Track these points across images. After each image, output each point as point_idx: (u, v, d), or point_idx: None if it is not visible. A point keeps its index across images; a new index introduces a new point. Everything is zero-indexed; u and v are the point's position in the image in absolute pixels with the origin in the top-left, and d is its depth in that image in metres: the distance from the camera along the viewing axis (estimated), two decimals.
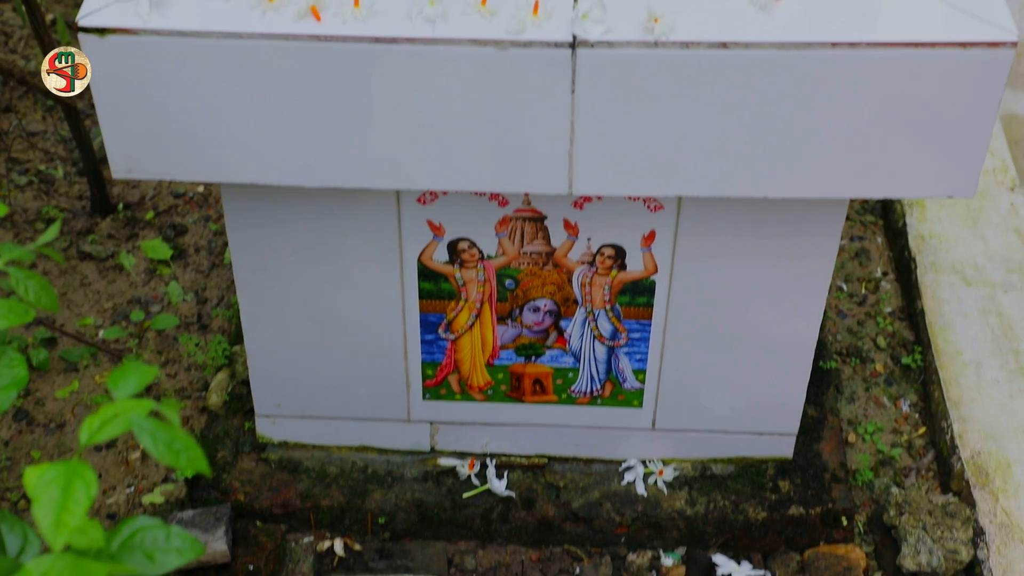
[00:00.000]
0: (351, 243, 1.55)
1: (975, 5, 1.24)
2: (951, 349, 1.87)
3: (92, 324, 2.01)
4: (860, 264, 2.12)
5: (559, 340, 1.65)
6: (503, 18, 1.25)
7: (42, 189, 2.22)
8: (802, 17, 1.25)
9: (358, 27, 1.25)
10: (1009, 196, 2.09)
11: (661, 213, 1.50)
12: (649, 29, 1.23)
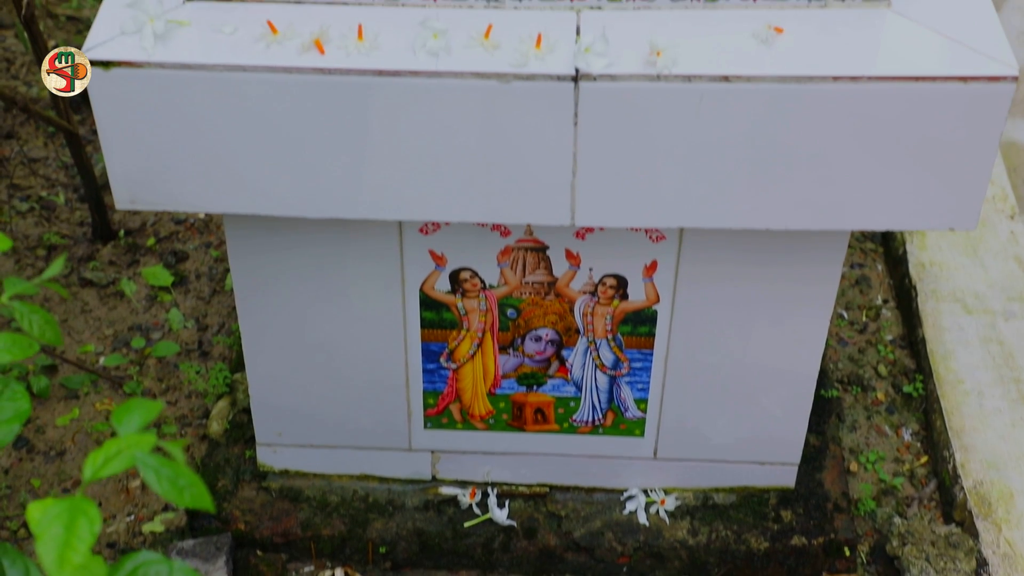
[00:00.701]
0: (353, 272, 1.55)
1: (976, 39, 1.24)
2: (952, 378, 1.87)
3: (93, 351, 2.01)
4: (861, 292, 2.13)
5: (561, 369, 1.65)
6: (506, 51, 1.26)
7: (43, 216, 2.22)
8: (804, 51, 1.25)
9: (361, 60, 1.25)
10: (1009, 224, 2.09)
11: (663, 243, 1.50)
12: (651, 62, 1.24)
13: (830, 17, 1.28)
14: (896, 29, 1.27)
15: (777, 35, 1.27)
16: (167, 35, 1.26)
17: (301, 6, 1.31)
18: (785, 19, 1.28)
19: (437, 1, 1.31)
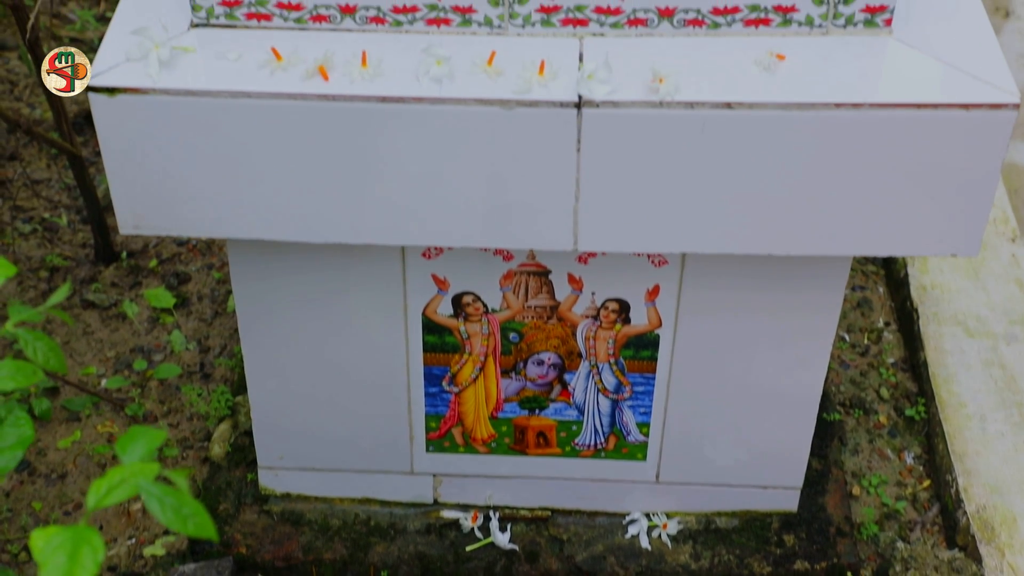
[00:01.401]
0: (356, 296, 1.56)
1: (977, 67, 1.25)
2: (955, 401, 1.87)
3: (95, 373, 2.01)
4: (862, 314, 2.13)
5: (563, 393, 1.65)
6: (509, 78, 1.26)
7: (46, 237, 2.23)
8: (806, 77, 1.26)
9: (365, 86, 1.26)
10: (1010, 247, 2.09)
11: (665, 268, 1.51)
12: (654, 89, 1.24)
13: (832, 44, 1.29)
14: (897, 56, 1.28)
15: (779, 62, 1.27)
16: (172, 61, 1.27)
17: (305, 33, 1.31)
18: (787, 46, 1.29)
19: (441, 28, 1.32)
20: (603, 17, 1.30)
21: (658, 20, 1.30)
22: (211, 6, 1.30)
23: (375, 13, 1.31)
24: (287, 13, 1.31)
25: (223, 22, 1.31)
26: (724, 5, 1.29)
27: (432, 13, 1.31)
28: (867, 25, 1.29)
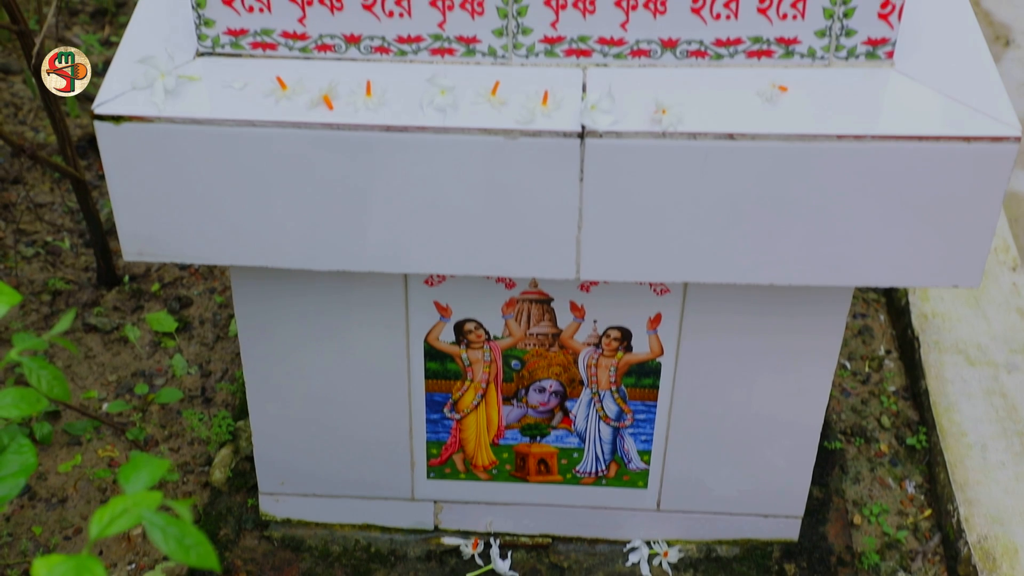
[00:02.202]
0: (358, 322, 1.56)
1: (978, 99, 1.26)
2: (956, 430, 1.87)
3: (96, 397, 2.01)
4: (863, 342, 2.13)
5: (564, 420, 1.65)
6: (513, 108, 1.27)
7: (48, 261, 2.23)
8: (808, 109, 1.27)
9: (370, 116, 1.26)
10: (1011, 276, 2.10)
11: (667, 296, 1.51)
12: (657, 120, 1.25)
13: (834, 76, 1.30)
14: (899, 88, 1.28)
15: (781, 93, 1.28)
16: (178, 90, 1.27)
17: (310, 62, 1.32)
18: (789, 78, 1.30)
19: (445, 57, 1.32)
20: (606, 48, 1.31)
21: (661, 51, 1.31)
22: (217, 35, 1.31)
23: (380, 43, 1.32)
24: (292, 43, 1.32)
25: (229, 51, 1.32)
26: (727, 37, 1.29)
27: (436, 43, 1.31)
28: (869, 57, 1.30)
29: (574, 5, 1.28)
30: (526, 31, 1.30)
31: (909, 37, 1.32)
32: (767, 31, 1.29)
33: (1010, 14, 2.93)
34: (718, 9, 1.28)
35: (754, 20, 1.28)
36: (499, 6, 1.28)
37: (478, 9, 1.29)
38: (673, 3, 1.27)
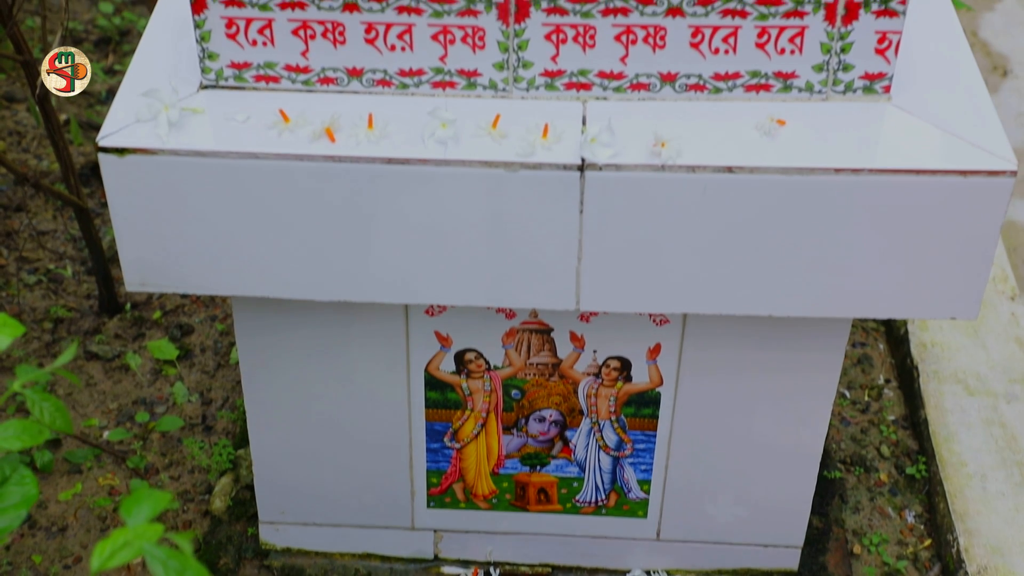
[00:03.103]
0: (359, 351, 1.57)
1: (975, 134, 1.27)
2: (955, 460, 1.87)
3: (97, 425, 2.01)
4: (863, 371, 2.13)
5: (564, 450, 1.66)
6: (513, 140, 1.28)
7: (51, 288, 2.24)
8: (806, 142, 1.28)
9: (371, 148, 1.28)
10: (1010, 305, 2.10)
11: (667, 327, 1.52)
12: (656, 153, 1.26)
13: (831, 110, 1.31)
14: (896, 122, 1.29)
15: (779, 127, 1.29)
16: (181, 122, 1.28)
17: (313, 95, 1.34)
18: (787, 111, 1.31)
19: (446, 90, 1.34)
20: (606, 81, 1.32)
21: (660, 85, 1.32)
22: (220, 68, 1.32)
23: (382, 76, 1.33)
24: (295, 76, 1.33)
25: (232, 84, 1.33)
26: (725, 71, 1.31)
27: (438, 76, 1.33)
28: (866, 92, 1.31)
29: (574, 39, 1.29)
30: (527, 65, 1.31)
31: (906, 71, 1.33)
32: (765, 65, 1.30)
33: (1008, 45, 2.96)
34: (716, 44, 1.29)
35: (752, 55, 1.29)
36: (500, 40, 1.30)
37: (479, 43, 1.30)
38: (672, 38, 1.29)
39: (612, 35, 1.29)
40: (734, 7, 1.26)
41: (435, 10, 1.28)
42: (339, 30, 1.30)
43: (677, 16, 1.27)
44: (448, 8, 1.28)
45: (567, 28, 1.29)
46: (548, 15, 1.28)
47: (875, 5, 1.25)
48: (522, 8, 1.27)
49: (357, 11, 1.28)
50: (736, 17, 1.27)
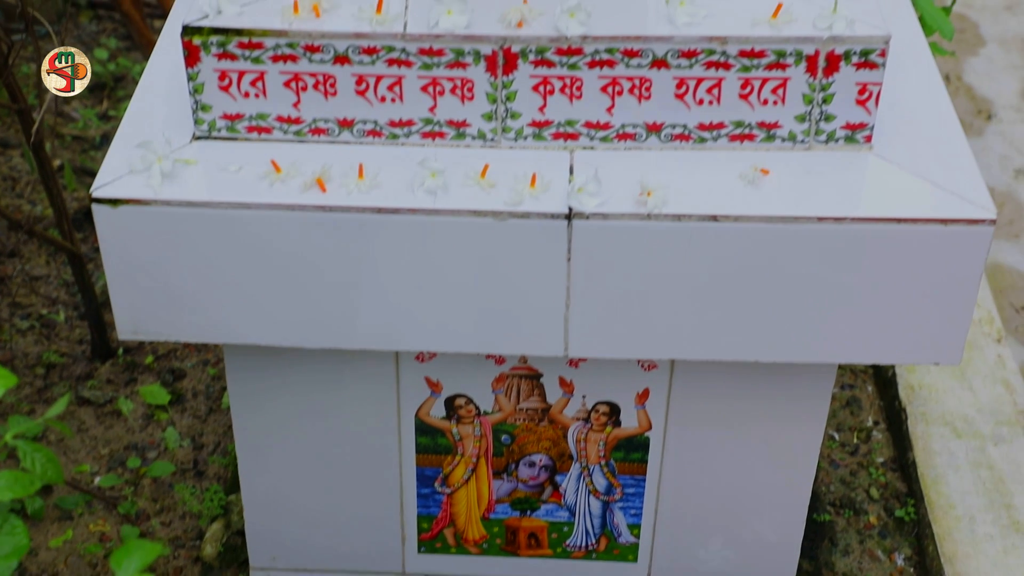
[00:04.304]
0: (350, 397, 1.58)
1: (955, 183, 1.29)
2: (944, 502, 1.88)
3: (88, 471, 2.01)
4: (851, 413, 2.15)
5: (554, 495, 1.66)
6: (502, 190, 1.30)
7: (43, 334, 2.25)
8: (789, 191, 1.30)
9: (362, 198, 1.29)
10: (996, 348, 2.12)
11: (655, 372, 1.53)
12: (642, 202, 1.28)
13: (814, 159, 1.33)
14: (878, 172, 1.32)
15: (763, 176, 1.31)
16: (174, 173, 1.30)
17: (304, 145, 1.35)
18: (771, 160, 1.33)
19: (435, 140, 1.36)
20: (593, 132, 1.34)
21: (646, 135, 1.34)
22: (213, 119, 1.34)
23: (372, 127, 1.35)
24: (287, 126, 1.35)
25: (225, 135, 1.35)
26: (710, 121, 1.33)
27: (427, 127, 1.35)
28: (848, 141, 1.34)
29: (561, 91, 1.32)
30: (515, 115, 1.34)
31: (887, 121, 1.36)
32: (749, 116, 1.32)
33: (992, 89, 3.00)
34: (701, 95, 1.31)
35: (736, 105, 1.32)
36: (488, 92, 1.32)
37: (468, 94, 1.32)
38: (657, 89, 1.31)
39: (598, 86, 1.31)
40: (718, 59, 1.29)
41: (424, 63, 1.30)
42: (330, 82, 1.32)
43: (662, 68, 1.30)
44: (437, 61, 1.30)
45: (554, 80, 1.31)
46: (535, 67, 1.30)
47: (855, 58, 1.28)
48: (510, 60, 1.30)
49: (348, 64, 1.31)
50: (720, 69, 1.30)
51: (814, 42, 1.28)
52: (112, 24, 3.07)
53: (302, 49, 1.30)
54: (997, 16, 3.28)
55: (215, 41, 1.29)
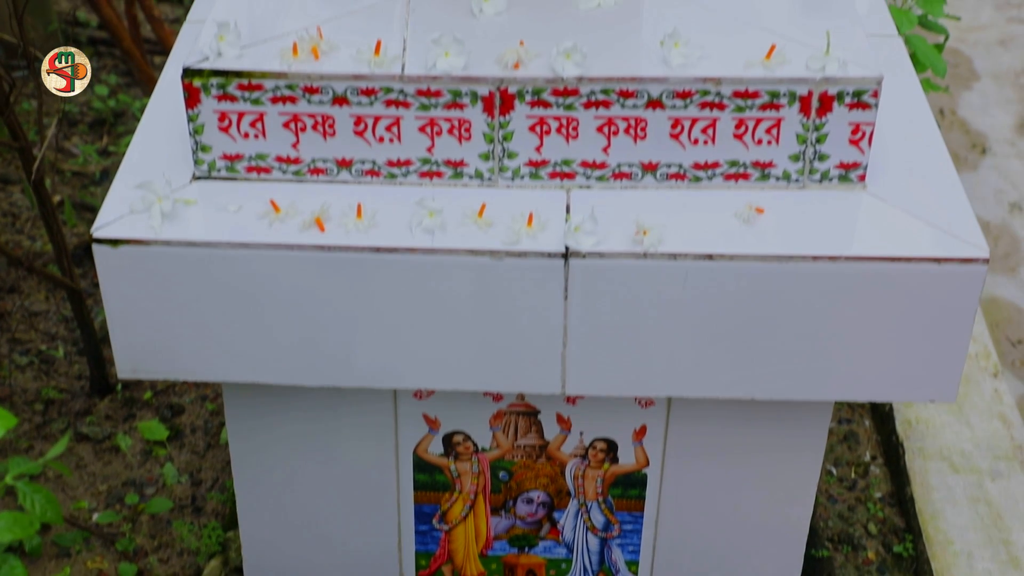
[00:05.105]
0: (348, 434, 1.58)
1: (948, 222, 1.30)
2: (942, 538, 1.88)
3: (86, 507, 2.01)
4: (849, 448, 2.15)
5: (552, 531, 1.66)
6: (499, 229, 1.31)
7: (42, 370, 2.25)
8: (784, 230, 1.31)
9: (360, 237, 1.30)
10: (992, 382, 2.13)
11: (652, 409, 1.54)
12: (638, 241, 1.29)
13: (808, 198, 1.35)
14: (871, 210, 1.33)
15: (758, 215, 1.32)
16: (174, 213, 1.31)
17: (303, 185, 1.37)
18: (766, 199, 1.34)
19: (433, 180, 1.37)
20: (589, 171, 1.36)
21: (642, 174, 1.36)
22: (213, 160, 1.35)
23: (370, 166, 1.36)
24: (286, 166, 1.36)
25: (224, 175, 1.36)
26: (705, 160, 1.34)
27: (425, 166, 1.36)
28: (842, 180, 1.35)
29: (558, 131, 1.33)
30: (512, 155, 1.35)
31: (880, 160, 1.37)
32: (743, 155, 1.34)
33: (986, 123, 3.02)
34: (696, 135, 1.33)
35: (731, 145, 1.33)
36: (485, 132, 1.33)
37: (465, 134, 1.34)
38: (653, 129, 1.32)
39: (594, 126, 1.33)
40: (712, 100, 1.30)
41: (422, 103, 1.32)
42: (329, 123, 1.33)
43: (657, 108, 1.31)
44: (435, 101, 1.32)
45: (551, 120, 1.33)
46: (532, 107, 1.32)
47: (848, 98, 1.29)
48: (507, 101, 1.31)
49: (347, 104, 1.32)
50: (714, 109, 1.31)
51: (807, 83, 1.29)
52: (112, 60, 3.09)
53: (301, 90, 1.31)
54: (990, 51, 3.31)
55: (215, 83, 1.30)
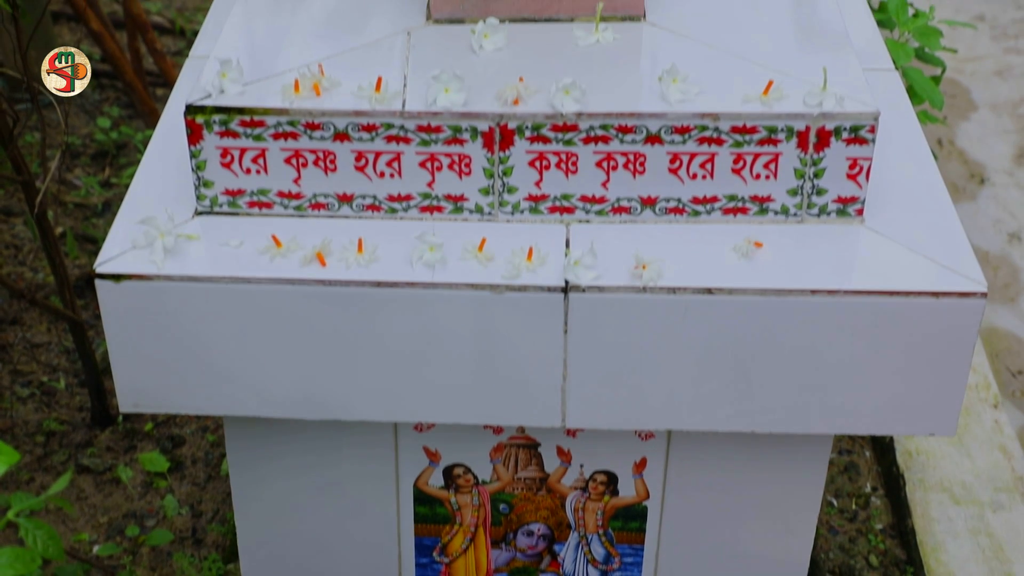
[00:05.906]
0: (349, 466, 1.58)
1: (946, 256, 1.31)
2: (943, 571, 1.88)
3: (87, 540, 2.01)
4: (850, 479, 2.15)
5: (553, 564, 1.66)
6: (499, 263, 1.32)
7: (43, 401, 2.26)
8: (783, 264, 1.32)
9: (361, 272, 1.31)
10: (992, 413, 2.13)
11: (652, 441, 1.54)
12: (637, 275, 1.30)
13: (807, 232, 1.35)
14: (869, 245, 1.34)
15: (757, 249, 1.33)
16: (176, 249, 1.32)
17: (304, 220, 1.38)
18: (764, 233, 1.35)
19: (434, 215, 1.38)
20: (588, 205, 1.37)
21: (641, 208, 1.37)
22: (215, 195, 1.36)
23: (371, 201, 1.37)
24: (287, 202, 1.37)
25: (226, 210, 1.37)
26: (703, 195, 1.35)
27: (425, 201, 1.37)
28: (840, 214, 1.36)
29: (557, 166, 1.34)
30: (511, 190, 1.36)
31: (878, 194, 1.38)
32: (742, 190, 1.35)
33: (984, 153, 3.03)
34: (694, 169, 1.34)
35: (729, 179, 1.34)
36: (485, 167, 1.34)
37: (465, 169, 1.35)
38: (651, 164, 1.33)
39: (594, 161, 1.34)
40: (710, 135, 1.31)
41: (423, 139, 1.33)
42: (330, 158, 1.35)
43: (656, 144, 1.32)
44: (435, 137, 1.33)
45: (550, 155, 1.34)
46: (532, 143, 1.33)
47: (846, 134, 1.30)
48: (506, 137, 1.32)
49: (348, 140, 1.33)
50: (712, 144, 1.32)
51: (804, 118, 1.30)
52: (115, 93, 3.11)
53: (303, 127, 1.32)
54: (988, 81, 3.33)
55: (218, 120, 1.31)
